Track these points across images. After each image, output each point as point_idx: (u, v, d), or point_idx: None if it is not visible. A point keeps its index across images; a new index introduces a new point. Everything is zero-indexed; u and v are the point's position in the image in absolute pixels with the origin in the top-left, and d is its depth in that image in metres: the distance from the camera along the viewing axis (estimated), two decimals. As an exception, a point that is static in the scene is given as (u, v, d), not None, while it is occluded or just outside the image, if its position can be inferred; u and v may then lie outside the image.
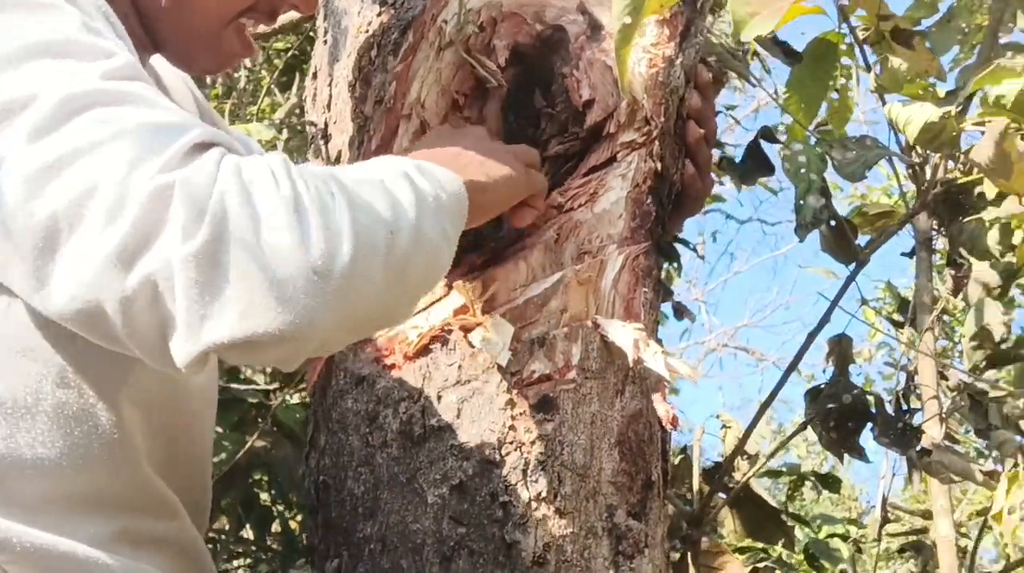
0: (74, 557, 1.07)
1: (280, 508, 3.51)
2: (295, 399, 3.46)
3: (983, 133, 1.44)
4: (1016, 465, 1.87)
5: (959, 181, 1.72)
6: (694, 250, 3.96)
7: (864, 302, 2.50)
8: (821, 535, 4.12)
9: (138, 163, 0.94)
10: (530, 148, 1.38)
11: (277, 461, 3.08)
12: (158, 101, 1.01)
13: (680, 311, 3.97)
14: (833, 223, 2.12)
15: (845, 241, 2.13)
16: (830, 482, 3.28)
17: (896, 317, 2.78)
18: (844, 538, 4.15)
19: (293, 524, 3.61)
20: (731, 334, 11.79)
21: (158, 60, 1.33)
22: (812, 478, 3.38)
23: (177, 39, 1.29)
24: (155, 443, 1.18)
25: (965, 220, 1.74)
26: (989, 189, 1.62)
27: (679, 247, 3.74)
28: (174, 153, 0.95)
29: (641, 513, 1.39)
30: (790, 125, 2.62)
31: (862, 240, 2.31)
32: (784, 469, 3.67)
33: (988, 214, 1.63)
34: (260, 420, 3.17)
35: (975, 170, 1.47)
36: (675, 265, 3.96)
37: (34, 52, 0.99)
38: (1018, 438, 1.93)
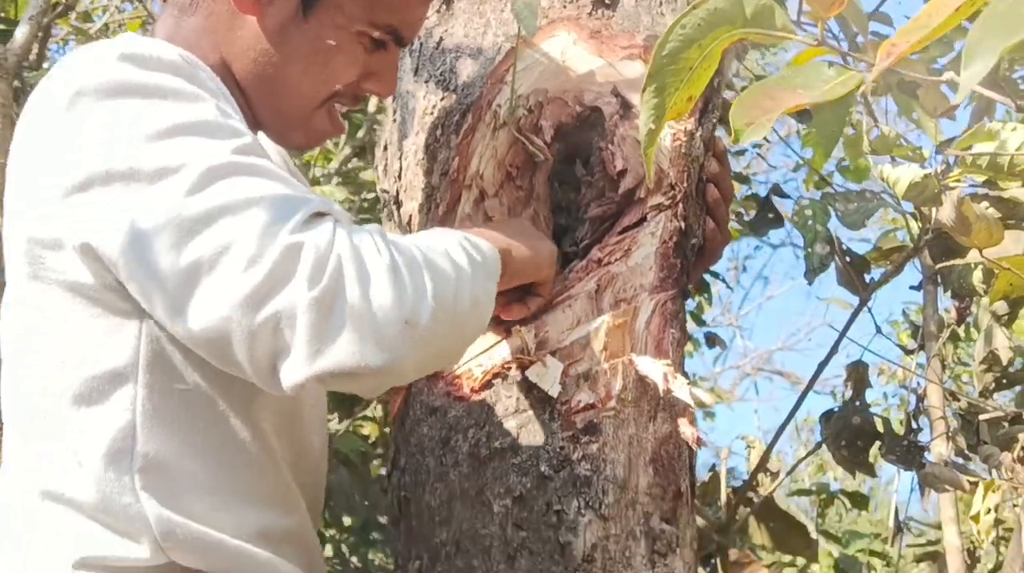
0: (223, 547, 1.25)
1: (333, 532, 3.54)
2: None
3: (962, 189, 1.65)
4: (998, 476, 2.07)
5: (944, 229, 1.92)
6: (724, 281, 4.16)
7: (879, 331, 2.69)
8: (850, 551, 4.26)
9: (272, 225, 1.13)
10: (553, 249, 1.52)
11: (332, 486, 3.08)
12: (280, 174, 1.21)
13: (712, 340, 4.18)
14: (848, 260, 2.34)
15: (855, 277, 2.35)
16: (857, 500, 3.46)
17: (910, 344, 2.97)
18: (880, 555, 4.29)
19: (345, 547, 3.63)
20: (766, 358, 11.78)
21: (261, 136, 1.46)
22: (840, 496, 3.56)
23: (274, 120, 1.43)
24: (284, 446, 1.36)
25: (952, 262, 1.93)
26: (971, 237, 1.81)
27: (709, 278, 3.94)
28: (299, 219, 1.15)
29: (672, 519, 1.51)
30: (809, 161, 2.83)
31: (877, 274, 2.52)
32: (813, 488, 3.84)
33: (970, 257, 1.82)
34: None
35: (956, 223, 1.67)
36: (706, 295, 4.16)
37: (183, 130, 1.18)
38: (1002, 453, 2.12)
